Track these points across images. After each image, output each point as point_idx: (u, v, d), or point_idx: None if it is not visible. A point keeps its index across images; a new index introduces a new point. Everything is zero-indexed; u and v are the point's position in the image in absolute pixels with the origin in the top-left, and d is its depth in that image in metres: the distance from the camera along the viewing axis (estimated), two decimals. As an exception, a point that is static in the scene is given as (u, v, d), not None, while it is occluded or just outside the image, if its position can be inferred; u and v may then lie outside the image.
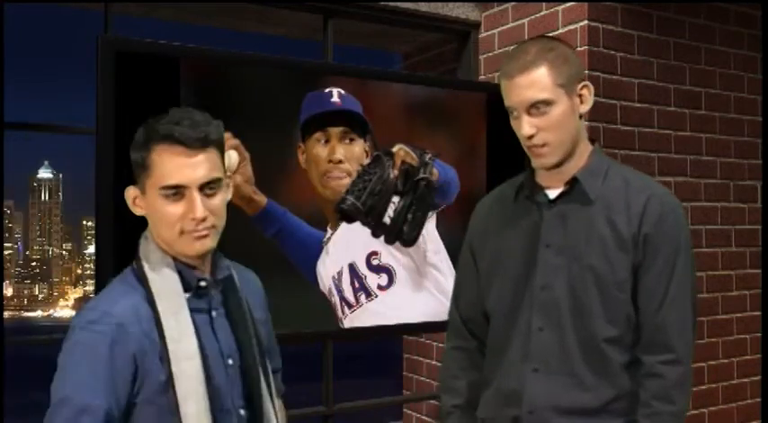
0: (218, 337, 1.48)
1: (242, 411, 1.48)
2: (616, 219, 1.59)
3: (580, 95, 1.62)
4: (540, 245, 1.63)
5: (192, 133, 1.40)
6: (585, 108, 1.63)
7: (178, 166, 1.40)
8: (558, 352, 1.59)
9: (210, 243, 1.44)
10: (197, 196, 1.40)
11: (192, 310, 1.45)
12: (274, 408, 1.54)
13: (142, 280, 1.45)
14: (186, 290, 1.46)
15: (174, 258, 1.46)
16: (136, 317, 1.40)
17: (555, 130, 1.59)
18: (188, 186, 1.40)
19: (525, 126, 1.59)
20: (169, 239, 1.44)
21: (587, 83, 1.63)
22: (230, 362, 1.48)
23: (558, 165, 1.63)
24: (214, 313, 1.49)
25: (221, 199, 1.46)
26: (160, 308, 1.41)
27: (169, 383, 1.38)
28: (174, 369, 1.38)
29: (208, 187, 1.42)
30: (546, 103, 1.58)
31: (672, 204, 1.63)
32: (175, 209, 1.41)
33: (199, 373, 1.40)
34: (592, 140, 1.70)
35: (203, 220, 1.41)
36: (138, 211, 1.47)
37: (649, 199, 1.60)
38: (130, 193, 1.48)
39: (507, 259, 1.68)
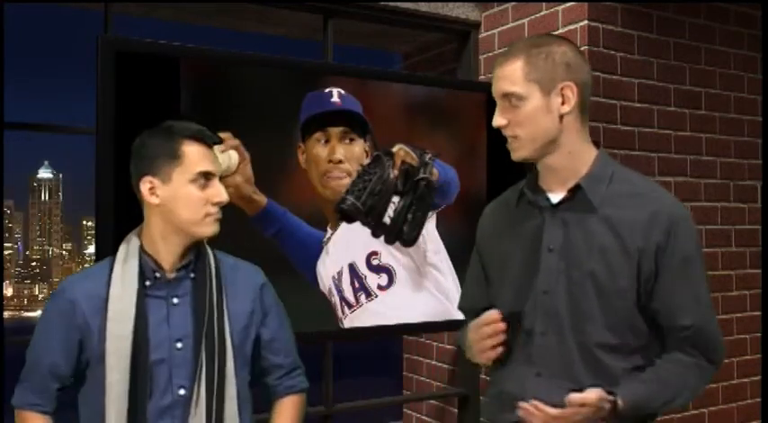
0: (170, 321, 1.66)
1: (181, 391, 1.64)
2: (620, 226, 1.57)
3: (562, 95, 1.59)
4: (542, 249, 1.62)
5: (207, 133, 1.68)
6: (566, 109, 1.59)
7: (206, 157, 1.66)
8: (560, 356, 1.59)
9: (218, 230, 1.68)
10: (219, 183, 1.67)
11: (152, 297, 1.66)
12: (216, 394, 1.64)
13: (111, 266, 1.68)
14: (147, 279, 1.66)
15: (143, 250, 1.67)
16: (89, 297, 1.65)
17: (524, 125, 1.58)
18: (215, 174, 1.67)
19: (496, 117, 1.61)
20: (191, 220, 1.64)
21: (570, 84, 1.58)
22: (179, 345, 1.65)
23: (535, 159, 1.63)
24: (175, 300, 1.67)
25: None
26: (111, 292, 1.64)
27: (103, 356, 1.61)
28: (107, 345, 1.61)
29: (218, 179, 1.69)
30: (517, 97, 1.57)
31: (681, 213, 1.61)
32: (203, 193, 1.64)
33: (127, 352, 1.61)
34: (596, 144, 1.68)
35: (221, 204, 1.66)
36: (153, 200, 1.65)
37: (658, 208, 1.58)
38: (146, 183, 1.66)
39: (511, 263, 1.67)
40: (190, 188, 1.63)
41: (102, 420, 1.61)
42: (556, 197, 1.63)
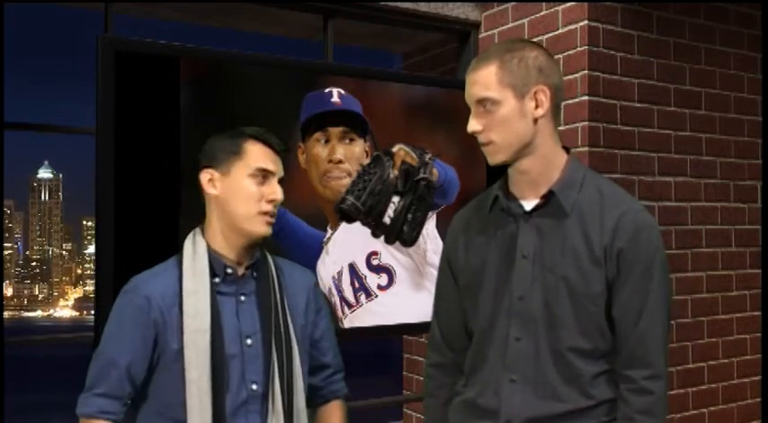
0: (240, 318, 1.68)
1: (254, 386, 1.67)
2: (590, 231, 1.59)
3: (536, 99, 1.59)
4: (516, 256, 1.63)
5: (275, 140, 1.72)
6: (540, 112, 1.59)
7: (268, 157, 1.70)
8: (534, 362, 1.60)
9: (270, 231, 1.70)
10: (277, 183, 1.70)
11: (221, 293, 1.68)
12: (287, 389, 1.69)
13: (180, 264, 1.69)
14: (217, 275, 1.68)
15: (210, 248, 1.69)
16: (162, 293, 1.66)
17: (499, 129, 1.58)
18: (274, 174, 1.70)
19: (470, 122, 1.61)
20: (245, 215, 1.67)
21: (544, 87, 1.59)
22: (249, 341, 1.68)
23: (509, 163, 1.63)
24: (243, 297, 1.70)
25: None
26: (185, 287, 1.65)
27: (180, 352, 1.62)
28: (185, 339, 1.62)
29: (280, 182, 1.72)
30: (491, 102, 1.58)
31: (646, 221, 1.63)
32: (260, 189, 1.67)
33: (206, 346, 1.62)
34: (567, 149, 1.69)
35: (273, 202, 1.68)
36: (212, 191, 1.70)
37: (623, 214, 1.59)
38: (206, 174, 1.70)
39: (487, 272, 1.67)
40: (247, 182, 1.67)
41: (175, 417, 1.61)
42: (529, 204, 1.64)
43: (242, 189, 1.67)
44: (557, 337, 1.58)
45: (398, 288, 2.69)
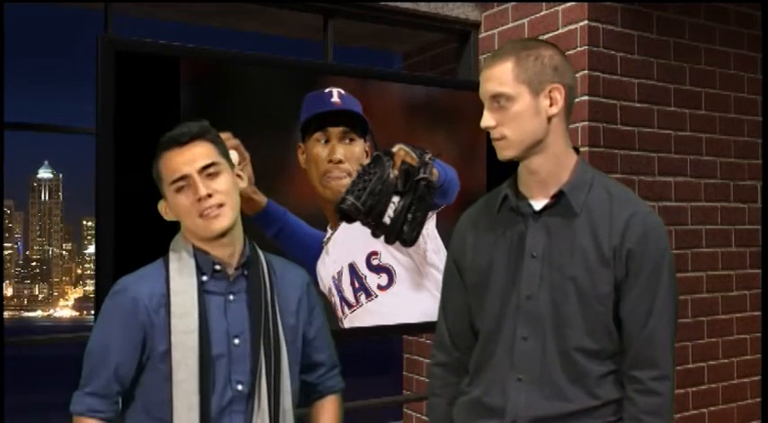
0: (228, 317, 1.67)
1: (239, 387, 1.66)
2: (599, 232, 1.59)
3: (550, 97, 1.60)
4: (525, 255, 1.63)
5: (179, 132, 1.67)
6: (554, 110, 1.60)
7: (177, 161, 1.65)
8: (541, 361, 1.60)
9: (226, 222, 1.65)
10: (198, 178, 1.63)
11: (208, 292, 1.67)
12: (273, 389, 1.68)
13: (166, 264, 1.69)
14: (204, 273, 1.67)
15: (195, 247, 1.68)
16: (150, 294, 1.65)
17: (512, 125, 1.59)
18: (190, 174, 1.63)
19: (484, 118, 1.62)
20: (192, 227, 1.66)
21: (558, 86, 1.60)
22: (236, 341, 1.67)
23: (520, 159, 1.63)
24: (231, 296, 1.69)
25: (225, 180, 1.67)
26: (171, 287, 1.65)
27: (167, 353, 1.62)
28: (172, 340, 1.62)
29: (207, 170, 1.65)
30: (506, 98, 1.58)
31: (654, 222, 1.64)
32: (187, 197, 1.64)
33: (194, 347, 1.62)
34: (576, 149, 1.69)
35: (209, 197, 1.62)
36: (169, 218, 1.71)
37: (633, 215, 1.60)
38: (161, 205, 1.72)
39: (494, 271, 1.68)
40: (178, 198, 1.66)
41: (162, 417, 1.62)
42: (538, 204, 1.65)
43: (177, 206, 1.67)
44: (564, 336, 1.59)
45: (398, 288, 2.68)
